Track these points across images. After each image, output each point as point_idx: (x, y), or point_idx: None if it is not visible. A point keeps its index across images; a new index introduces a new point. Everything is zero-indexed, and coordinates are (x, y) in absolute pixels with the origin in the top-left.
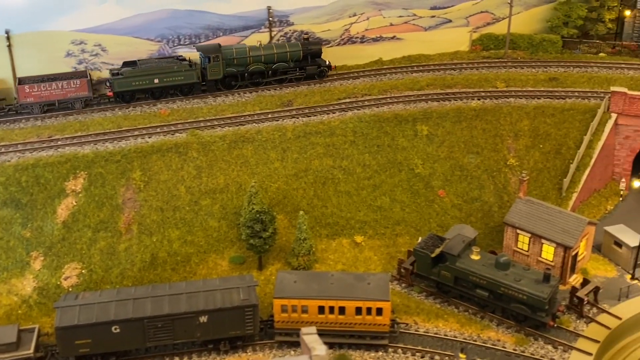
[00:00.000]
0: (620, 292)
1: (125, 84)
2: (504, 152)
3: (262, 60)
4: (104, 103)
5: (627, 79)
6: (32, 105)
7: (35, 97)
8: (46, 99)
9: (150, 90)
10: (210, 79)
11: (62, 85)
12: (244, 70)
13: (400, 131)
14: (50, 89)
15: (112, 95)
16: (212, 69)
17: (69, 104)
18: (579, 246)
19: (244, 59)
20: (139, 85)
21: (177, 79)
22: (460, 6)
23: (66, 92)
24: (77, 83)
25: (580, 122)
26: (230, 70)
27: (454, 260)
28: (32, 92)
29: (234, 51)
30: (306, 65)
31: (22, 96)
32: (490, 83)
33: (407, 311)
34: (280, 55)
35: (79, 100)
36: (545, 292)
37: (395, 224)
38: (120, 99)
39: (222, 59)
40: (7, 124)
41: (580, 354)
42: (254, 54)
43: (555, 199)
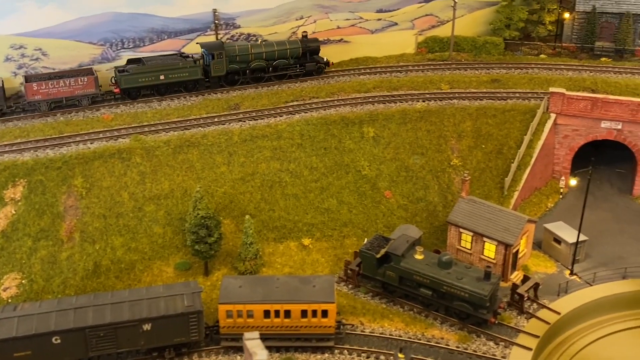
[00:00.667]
0: (559, 288)
1: (132, 81)
2: (448, 153)
3: (263, 57)
4: (109, 100)
5: (566, 79)
6: (40, 102)
7: (43, 95)
8: (54, 97)
9: (156, 87)
10: (214, 75)
11: (70, 82)
12: (245, 67)
13: (347, 133)
14: (58, 86)
15: (119, 92)
16: (216, 65)
17: (76, 100)
18: (519, 243)
19: (246, 56)
20: (146, 82)
21: (182, 75)
22: (406, 9)
23: (74, 90)
24: (84, 80)
25: (520, 122)
26: (232, 67)
27: (398, 260)
28: (40, 90)
29: (237, 48)
30: (305, 62)
31: (30, 94)
32: (435, 85)
33: (353, 312)
34: (280, 52)
35: (86, 97)
36: (485, 290)
37: (342, 226)
38: (127, 95)
39: (225, 56)
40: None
41: (520, 349)
42: (255, 51)
43: (497, 197)
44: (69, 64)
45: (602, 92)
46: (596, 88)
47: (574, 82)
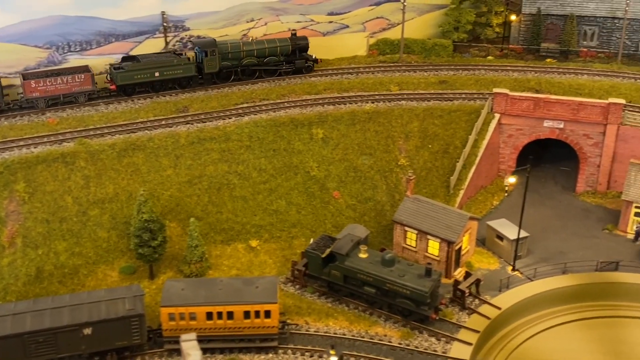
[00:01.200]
0: (500, 284)
1: (128, 77)
2: (396, 153)
3: (254, 54)
4: (106, 96)
5: (512, 80)
6: (38, 99)
7: (41, 92)
8: (51, 94)
9: (151, 84)
10: (207, 72)
11: (67, 79)
12: (237, 64)
13: (296, 135)
14: (56, 83)
15: (115, 88)
16: (209, 62)
17: (72, 97)
18: (462, 241)
19: (238, 53)
20: (141, 79)
21: (177, 72)
22: (357, 12)
23: (71, 87)
24: (81, 77)
25: (466, 122)
26: (225, 64)
27: (343, 259)
28: (38, 87)
29: (229, 46)
30: (295, 59)
31: (28, 91)
32: (385, 86)
33: (298, 312)
34: (271, 49)
35: (83, 94)
36: (426, 286)
37: (291, 227)
38: (123, 92)
39: (218, 54)
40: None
41: (461, 344)
42: (247, 49)
43: (443, 196)
44: (14, 68)
45: (546, 92)
46: (540, 88)
47: (519, 83)
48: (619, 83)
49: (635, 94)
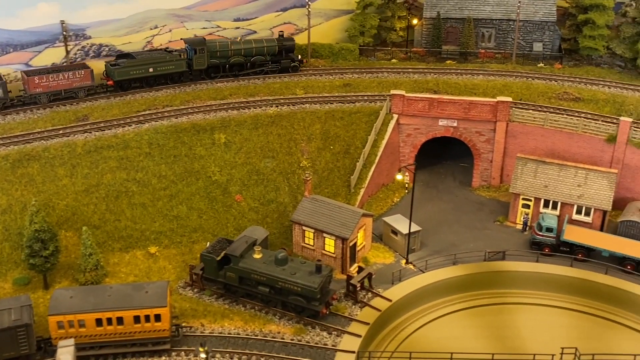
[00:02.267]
0: (393, 277)
1: (124, 73)
2: (298, 155)
3: (242, 54)
4: (103, 92)
5: (412, 82)
6: (41, 95)
7: (44, 88)
8: (54, 89)
9: (145, 79)
10: (195, 68)
11: (68, 75)
12: (225, 62)
13: (198, 140)
14: (58, 79)
15: (113, 84)
16: (198, 60)
17: (73, 92)
18: (356, 237)
19: (225, 52)
20: (136, 74)
21: (169, 68)
22: (264, 17)
23: (72, 82)
24: (81, 73)
25: (366, 123)
26: (213, 61)
27: (237, 261)
28: (41, 83)
29: (217, 45)
30: (281, 59)
31: (32, 87)
32: (291, 90)
33: (194, 315)
34: (258, 49)
35: (82, 89)
36: (316, 283)
37: (192, 232)
38: (119, 87)
39: (206, 52)
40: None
41: (351, 336)
42: (235, 48)
43: (345, 195)
44: None
45: (444, 92)
46: (438, 89)
47: (419, 84)
48: (511, 82)
49: (525, 92)
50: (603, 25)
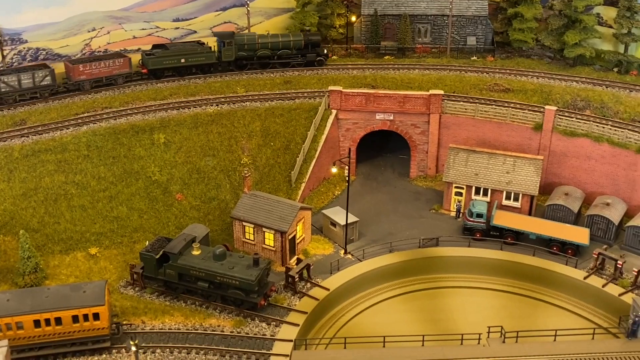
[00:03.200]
0: (331, 267)
1: (158, 62)
2: (239, 153)
3: (268, 47)
4: (139, 79)
5: (351, 77)
6: (84, 82)
7: (87, 75)
8: (96, 76)
9: (177, 69)
10: (224, 60)
11: (109, 63)
12: (253, 55)
13: (137, 141)
14: (99, 67)
15: (147, 72)
16: (226, 52)
17: (113, 79)
18: (295, 230)
19: (253, 45)
20: (169, 64)
21: (200, 59)
22: (204, 17)
23: (112, 70)
24: (120, 61)
25: (305, 119)
26: (241, 54)
27: (175, 258)
28: (84, 71)
29: (245, 38)
30: (307, 53)
31: (76, 74)
32: (232, 89)
33: (135, 312)
34: (284, 43)
35: (121, 77)
36: (253, 276)
37: (133, 232)
38: (153, 75)
39: (234, 44)
40: None
41: (289, 326)
42: (262, 41)
43: (286, 190)
44: None
45: (381, 87)
46: (376, 84)
47: (357, 80)
48: (445, 75)
49: (459, 85)
50: (531, 18)
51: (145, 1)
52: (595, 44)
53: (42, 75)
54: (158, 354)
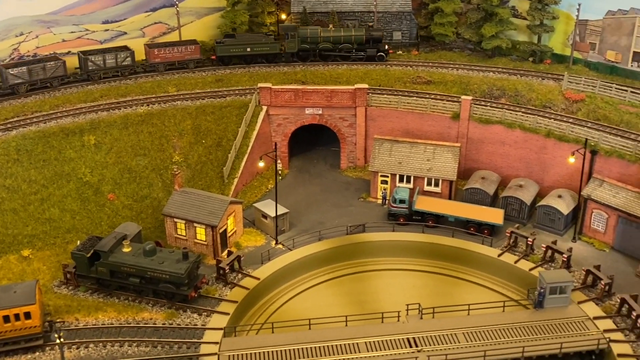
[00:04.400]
0: (262, 257)
1: (225, 50)
2: (170, 151)
3: (330, 41)
4: (210, 65)
5: (282, 74)
6: (159, 64)
7: (162, 58)
8: (169, 60)
9: (243, 57)
10: (287, 51)
11: (182, 49)
12: (315, 47)
13: (67, 143)
14: (173, 52)
15: (216, 58)
16: (289, 44)
17: (185, 64)
18: (226, 224)
19: (315, 38)
20: (236, 52)
21: (264, 49)
22: (133, 19)
23: (184, 55)
24: (192, 48)
25: (236, 116)
26: (303, 46)
27: (106, 256)
28: (159, 55)
29: (308, 31)
30: (367, 48)
31: (152, 57)
32: (163, 88)
33: (69, 310)
34: (346, 37)
35: (192, 61)
36: (182, 269)
37: (66, 233)
38: (221, 62)
39: (297, 37)
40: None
41: (220, 315)
42: (324, 35)
43: (219, 185)
44: None
45: (311, 83)
46: (306, 80)
47: (288, 76)
48: (372, 70)
49: (384, 78)
50: (451, 13)
51: (74, 4)
52: (512, 36)
53: (124, 57)
54: (91, 349)
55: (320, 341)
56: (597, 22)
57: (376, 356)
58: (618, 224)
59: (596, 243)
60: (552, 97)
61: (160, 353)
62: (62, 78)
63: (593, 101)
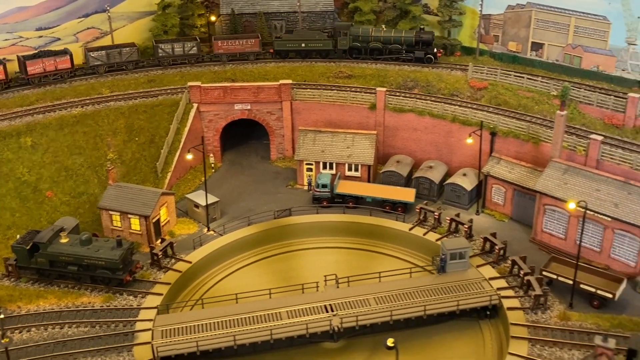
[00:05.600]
0: (194, 243)
1: (282, 45)
2: (105, 149)
3: (380, 40)
4: (270, 57)
5: (213, 73)
6: (222, 55)
7: (225, 50)
8: (231, 52)
9: (298, 51)
10: (339, 48)
11: (243, 42)
12: (365, 46)
13: (5, 145)
14: (235, 44)
15: (273, 52)
16: (341, 41)
17: (246, 56)
18: (159, 214)
19: (366, 37)
20: (291, 47)
21: (318, 45)
22: (67, 25)
23: (244, 47)
24: (252, 42)
25: (168, 114)
26: (355, 44)
27: (45, 247)
28: (222, 46)
29: (360, 30)
30: (416, 49)
31: (216, 48)
32: (97, 90)
33: (11, 299)
34: (395, 38)
35: (252, 54)
36: (117, 255)
37: (6, 230)
38: (278, 55)
39: (349, 35)
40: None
41: (153, 296)
42: (375, 35)
43: (153, 180)
44: None
45: (240, 80)
46: (235, 78)
47: (218, 75)
48: (296, 66)
49: (309, 74)
50: (369, 11)
51: (6, 13)
52: None
53: (191, 46)
54: (33, 332)
55: (246, 312)
56: (499, 16)
57: (295, 322)
58: (514, 196)
59: (497, 215)
60: (459, 86)
61: (99, 332)
62: (136, 62)
63: (495, 88)
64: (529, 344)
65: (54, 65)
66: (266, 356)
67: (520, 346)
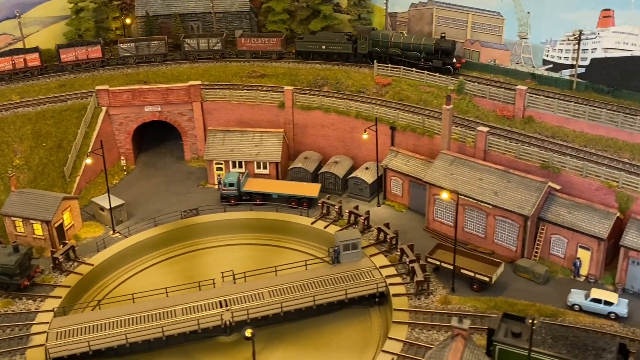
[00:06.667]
0: (97, 245)
1: (303, 46)
2: (11, 155)
3: (399, 47)
4: (290, 57)
5: (125, 75)
6: (246, 52)
7: (248, 47)
8: (254, 49)
9: (319, 53)
10: (359, 52)
11: (265, 41)
12: (385, 51)
13: None
14: (257, 42)
15: (295, 52)
16: (361, 45)
17: (268, 54)
18: (62, 218)
19: (385, 42)
20: (312, 49)
21: (337, 47)
22: None
23: (267, 46)
24: (274, 41)
25: (77, 118)
26: (374, 49)
27: None
28: (246, 43)
29: (380, 35)
30: (435, 58)
31: (240, 45)
32: (6, 97)
33: None
34: (414, 45)
35: (275, 53)
36: (13, 261)
37: None
38: (299, 55)
39: (369, 39)
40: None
41: (52, 299)
42: (394, 40)
43: (61, 185)
44: None
45: (153, 82)
46: (148, 80)
47: (130, 77)
48: (212, 66)
49: (222, 74)
50: (282, 11)
51: None
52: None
53: (215, 42)
54: None
55: (142, 311)
56: (404, 14)
57: (190, 319)
58: (410, 187)
59: (396, 205)
60: (365, 83)
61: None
62: (164, 55)
63: (398, 84)
64: (408, 328)
65: (86, 54)
66: (163, 352)
67: (400, 331)
